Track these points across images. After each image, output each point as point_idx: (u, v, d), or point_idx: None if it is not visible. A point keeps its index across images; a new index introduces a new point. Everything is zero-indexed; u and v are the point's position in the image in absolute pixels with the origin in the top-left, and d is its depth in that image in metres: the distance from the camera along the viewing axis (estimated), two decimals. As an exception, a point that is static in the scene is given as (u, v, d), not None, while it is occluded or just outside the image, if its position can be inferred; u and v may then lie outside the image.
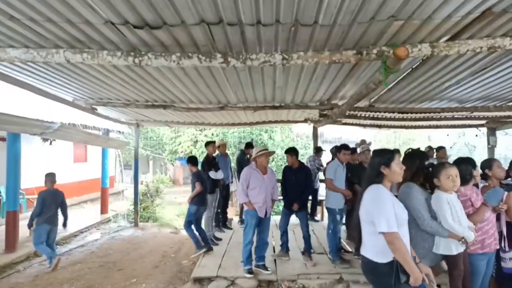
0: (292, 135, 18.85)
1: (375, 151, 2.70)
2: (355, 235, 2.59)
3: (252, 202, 4.78)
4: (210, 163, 6.60)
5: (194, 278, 4.78)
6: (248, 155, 7.29)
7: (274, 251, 5.82)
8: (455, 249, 2.88)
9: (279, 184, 5.54)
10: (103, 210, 10.30)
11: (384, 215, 2.28)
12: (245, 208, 4.87)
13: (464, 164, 3.23)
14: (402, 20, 2.75)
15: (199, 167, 6.52)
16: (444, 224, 2.83)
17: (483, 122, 8.31)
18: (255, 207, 4.77)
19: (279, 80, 4.70)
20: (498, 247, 3.23)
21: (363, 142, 7.21)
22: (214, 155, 6.83)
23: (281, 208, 16.55)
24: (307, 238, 5.38)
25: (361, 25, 2.83)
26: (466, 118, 7.67)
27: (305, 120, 8.34)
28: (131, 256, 6.38)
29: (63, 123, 7.71)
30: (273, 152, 5.35)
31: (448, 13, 2.62)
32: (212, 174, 6.43)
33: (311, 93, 5.50)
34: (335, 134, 20.46)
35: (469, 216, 3.04)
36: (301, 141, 18.60)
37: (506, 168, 4.24)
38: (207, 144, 6.90)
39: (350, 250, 5.77)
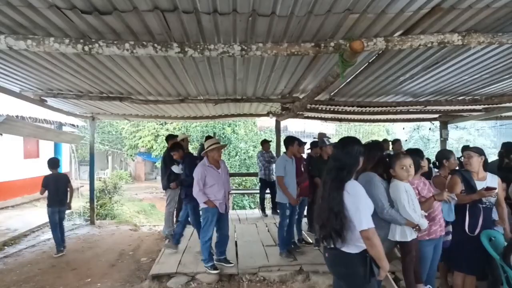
0: (256, 129, 18.91)
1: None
2: (316, 227, 2.55)
3: (213, 199, 4.65)
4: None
5: (153, 275, 4.65)
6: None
7: (236, 245, 5.80)
8: (410, 235, 3.01)
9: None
10: (57, 208, 9.75)
11: (363, 212, 2.26)
12: (203, 205, 4.69)
13: (412, 155, 3.36)
14: (357, 14, 2.78)
15: (160, 162, 6.34)
16: (402, 212, 2.93)
17: (436, 116, 8.72)
18: (215, 204, 4.67)
19: (240, 72, 4.64)
20: (443, 233, 3.41)
21: (322, 135, 7.32)
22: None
23: (244, 202, 16.51)
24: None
25: (318, 17, 2.83)
26: (420, 112, 8.03)
27: (267, 114, 8.35)
28: (86, 255, 6.11)
29: (10, 115, 7.19)
30: (225, 145, 5.28)
31: (401, 7, 2.68)
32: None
33: (272, 86, 5.50)
34: (298, 127, 20.77)
35: None
36: (265, 134, 18.69)
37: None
38: (169, 138, 6.72)
39: (310, 241, 5.87)
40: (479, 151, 3.48)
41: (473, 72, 4.62)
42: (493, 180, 3.41)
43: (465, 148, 3.57)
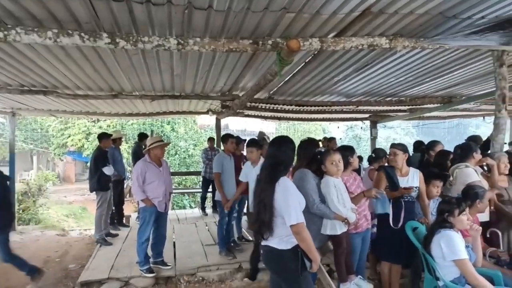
0: (196, 127, 18.61)
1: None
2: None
3: (151, 197, 4.46)
4: (105, 157, 6.05)
5: (82, 282, 4.31)
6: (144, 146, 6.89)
7: (174, 246, 5.63)
8: (340, 229, 3.15)
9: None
10: (-30, 214, 8.69)
11: (292, 207, 2.31)
12: (141, 205, 4.53)
13: (343, 151, 3.52)
14: (293, 13, 2.84)
15: (91, 162, 5.93)
16: (331, 206, 3.06)
17: (367, 115, 9.30)
18: (154, 202, 4.49)
19: (177, 68, 4.49)
20: (369, 226, 3.63)
21: (262, 134, 7.41)
22: (107, 148, 6.26)
23: (185, 201, 16.18)
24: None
25: (255, 14, 2.83)
26: (353, 112, 8.50)
27: (207, 111, 8.23)
28: (4, 265, 5.49)
29: None
30: (168, 143, 5.12)
31: (334, 9, 2.78)
32: (107, 170, 5.90)
33: (212, 83, 5.42)
34: (239, 126, 20.87)
35: None
36: (205, 133, 18.47)
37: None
38: (102, 136, 6.29)
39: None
40: (404, 149, 3.73)
41: (399, 74, 4.99)
42: (415, 175, 3.67)
43: (391, 146, 3.81)
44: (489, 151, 4.08)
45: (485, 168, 3.78)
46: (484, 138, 5.16)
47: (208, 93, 6.21)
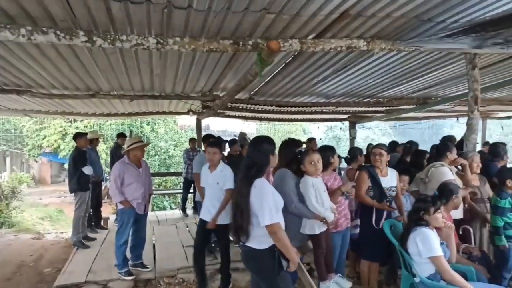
0: (177, 128, 18.41)
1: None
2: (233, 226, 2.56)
3: (130, 199, 4.39)
4: (83, 157, 5.90)
5: (58, 286, 4.19)
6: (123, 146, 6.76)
7: (154, 248, 5.55)
8: (318, 229, 3.19)
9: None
10: None
11: (267, 208, 2.31)
12: (120, 206, 4.43)
13: (323, 151, 3.57)
14: (274, 14, 2.85)
15: (68, 162, 5.78)
16: (309, 205, 3.10)
17: (346, 116, 9.46)
18: (133, 204, 4.41)
19: (157, 68, 4.44)
20: (349, 225, 3.69)
21: (243, 134, 7.42)
22: (84, 149, 6.11)
23: (165, 203, 15.95)
24: None
25: (236, 14, 2.83)
26: (332, 113, 8.62)
27: (188, 112, 8.17)
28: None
29: None
30: (148, 144, 5.04)
31: (313, 11, 2.81)
32: (87, 170, 5.77)
33: (192, 83, 5.38)
34: (220, 126, 20.76)
35: None
36: (186, 133, 18.30)
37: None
38: (77, 136, 6.13)
39: (231, 239, 5.87)
40: (388, 149, 3.81)
41: (377, 76, 5.09)
42: (392, 175, 3.77)
43: (376, 146, 3.84)
44: (462, 151, 4.22)
45: (459, 167, 3.90)
46: (458, 138, 5.33)
47: (189, 93, 6.16)
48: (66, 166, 18.58)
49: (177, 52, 3.55)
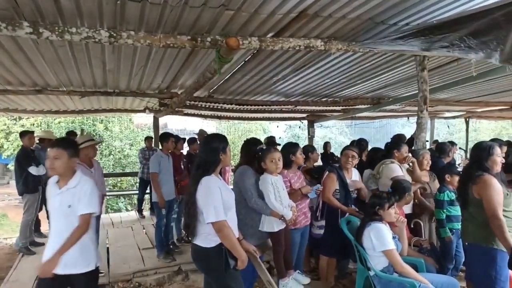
0: (133, 126, 17.77)
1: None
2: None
3: None
4: (30, 156, 5.49)
5: (0, 298, 3.89)
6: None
7: (108, 252, 5.30)
8: (277, 226, 3.21)
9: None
10: None
11: (211, 205, 2.31)
12: None
13: (287, 148, 3.60)
14: (232, 11, 2.82)
15: (15, 163, 5.38)
16: (267, 203, 3.11)
17: (305, 115, 9.64)
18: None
19: (110, 62, 4.23)
20: (308, 222, 3.75)
21: (203, 132, 7.30)
22: (32, 147, 5.69)
23: (120, 204, 15.39)
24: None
25: (193, 9, 2.76)
26: (292, 111, 8.74)
27: (144, 110, 7.89)
28: None
29: None
30: (100, 142, 4.80)
31: (272, 9, 2.81)
32: (33, 170, 5.36)
33: (148, 80, 5.20)
34: (178, 125, 20.34)
35: None
36: (143, 132, 17.72)
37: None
38: (23, 134, 5.69)
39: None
40: (359, 151, 3.93)
41: (333, 76, 5.22)
42: (357, 174, 3.95)
43: (348, 148, 3.92)
44: (412, 148, 4.44)
45: (410, 164, 4.09)
46: (408, 137, 5.62)
47: (145, 90, 5.96)
48: (10, 166, 17.34)
49: (132, 46, 3.41)
